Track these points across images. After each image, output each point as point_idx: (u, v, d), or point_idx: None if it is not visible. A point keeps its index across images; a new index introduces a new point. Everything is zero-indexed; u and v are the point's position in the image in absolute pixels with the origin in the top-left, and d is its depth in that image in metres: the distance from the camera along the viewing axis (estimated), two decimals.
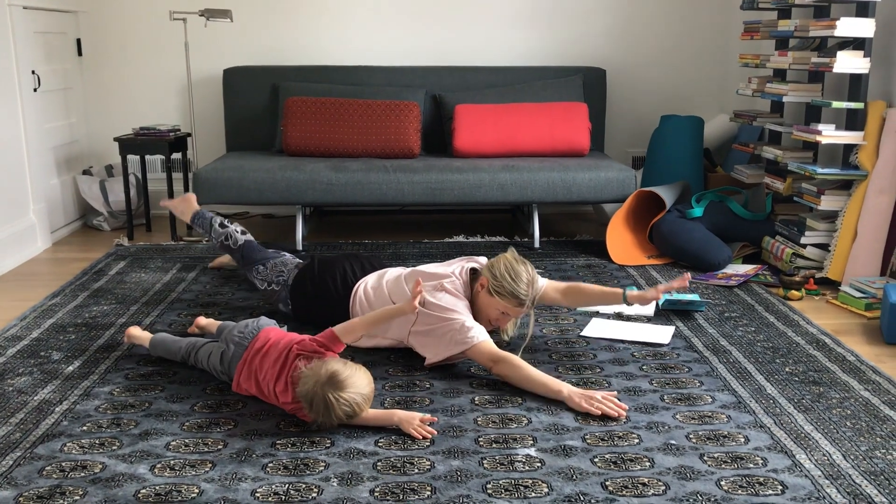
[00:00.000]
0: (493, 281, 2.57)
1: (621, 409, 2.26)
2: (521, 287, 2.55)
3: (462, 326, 2.50)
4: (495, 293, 2.57)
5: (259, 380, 2.29)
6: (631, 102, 4.98)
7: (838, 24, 3.31)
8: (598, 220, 4.82)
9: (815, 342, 2.83)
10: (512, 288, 2.55)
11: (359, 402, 2.12)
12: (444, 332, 2.52)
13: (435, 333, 2.55)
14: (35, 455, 2.05)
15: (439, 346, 2.53)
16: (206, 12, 4.16)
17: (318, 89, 4.49)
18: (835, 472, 1.96)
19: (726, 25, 4.92)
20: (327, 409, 2.10)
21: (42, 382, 2.48)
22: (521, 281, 2.55)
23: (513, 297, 2.55)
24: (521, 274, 2.56)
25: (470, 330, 2.49)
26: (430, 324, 2.56)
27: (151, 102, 4.84)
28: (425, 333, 2.58)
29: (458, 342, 2.49)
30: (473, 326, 2.51)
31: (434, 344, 2.55)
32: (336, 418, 2.12)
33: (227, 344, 2.42)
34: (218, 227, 3.17)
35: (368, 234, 4.46)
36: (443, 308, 2.56)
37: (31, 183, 4.02)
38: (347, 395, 2.10)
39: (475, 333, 2.49)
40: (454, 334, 2.50)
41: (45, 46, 4.29)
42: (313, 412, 2.13)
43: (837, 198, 3.50)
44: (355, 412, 2.13)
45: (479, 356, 2.48)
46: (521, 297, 2.56)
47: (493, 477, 1.95)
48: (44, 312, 3.11)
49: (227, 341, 2.42)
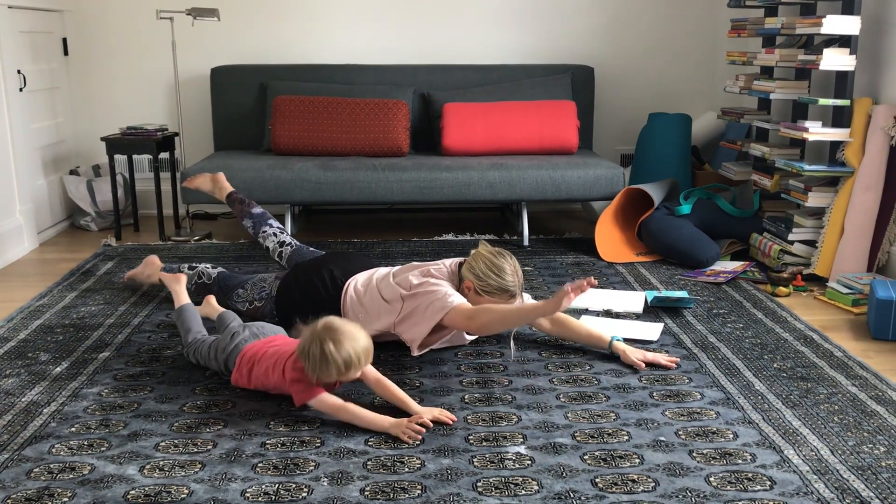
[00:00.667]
0: (478, 281, 2.56)
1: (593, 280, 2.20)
2: (507, 278, 2.54)
3: (444, 294, 2.50)
4: (483, 293, 2.56)
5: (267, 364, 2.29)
6: (619, 100, 4.99)
7: (824, 22, 3.33)
8: (586, 217, 4.83)
9: (803, 338, 2.85)
10: (498, 283, 2.54)
11: (357, 351, 2.14)
12: (426, 305, 2.52)
13: (418, 310, 2.54)
14: (23, 457, 2.04)
15: (423, 321, 2.52)
16: (192, 11, 4.14)
17: (307, 88, 4.48)
18: (822, 468, 1.98)
19: (713, 23, 4.94)
20: (325, 359, 2.12)
21: (30, 384, 2.47)
22: (506, 272, 2.54)
23: (502, 292, 2.55)
24: (503, 266, 2.55)
25: (451, 296, 2.49)
26: (414, 304, 2.56)
27: (139, 102, 4.82)
28: (409, 315, 2.57)
29: (438, 309, 2.48)
30: (454, 294, 2.51)
31: (418, 321, 2.53)
32: (335, 369, 2.13)
33: (242, 329, 2.45)
34: (188, 271, 3.17)
35: (357, 233, 4.45)
36: (429, 284, 2.56)
37: (17, 183, 4.00)
38: (347, 344, 2.13)
39: (454, 298, 2.49)
40: (436, 302, 2.49)
41: (30, 46, 4.26)
42: (310, 366, 2.15)
43: (824, 194, 3.52)
44: (353, 363, 2.14)
45: (458, 317, 2.45)
46: (510, 288, 2.55)
47: (484, 475, 1.95)
48: (31, 313, 3.09)
49: (241, 329, 2.45)
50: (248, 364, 2.34)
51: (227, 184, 3.53)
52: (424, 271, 2.66)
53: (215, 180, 3.54)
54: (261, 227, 3.26)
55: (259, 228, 3.26)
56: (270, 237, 3.21)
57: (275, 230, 3.24)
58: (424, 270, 2.67)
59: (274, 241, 3.20)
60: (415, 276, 2.64)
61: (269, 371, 2.29)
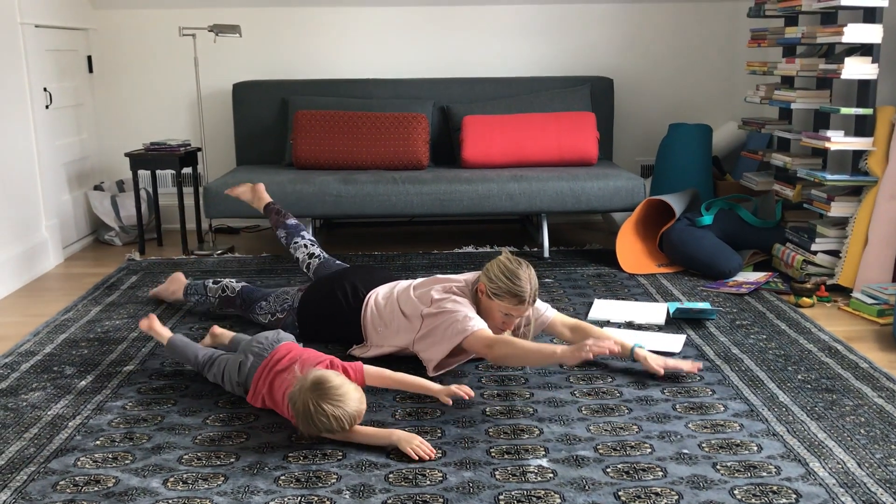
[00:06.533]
0: (490, 284, 2.56)
1: (614, 347, 2.33)
2: (518, 284, 2.52)
3: (465, 317, 2.51)
4: (494, 296, 2.55)
5: (275, 389, 2.29)
6: (639, 111, 4.99)
7: (845, 31, 3.31)
8: (607, 229, 4.82)
9: (828, 349, 2.82)
10: (508, 286, 2.53)
11: (338, 416, 2.05)
12: (446, 326, 2.52)
13: (437, 330, 2.54)
14: (49, 470, 2.06)
15: (442, 342, 2.52)
16: (215, 28, 4.19)
17: (327, 102, 4.52)
18: (849, 481, 1.95)
19: (733, 33, 4.93)
20: (306, 416, 2.07)
21: (55, 397, 2.50)
22: (518, 278, 2.53)
23: (512, 296, 2.53)
24: (517, 272, 2.53)
25: (471, 320, 2.50)
26: (434, 323, 2.56)
27: (162, 118, 4.88)
28: (428, 334, 2.58)
29: (458, 332, 2.48)
30: (474, 318, 2.51)
31: (437, 342, 2.54)
32: (314, 428, 2.08)
33: (245, 355, 2.41)
34: (212, 285, 3.20)
35: (378, 246, 4.47)
36: (449, 303, 2.57)
37: (43, 199, 4.05)
38: (328, 407, 2.05)
39: (474, 322, 2.49)
40: (455, 325, 2.50)
41: (56, 64, 4.33)
42: (295, 417, 2.12)
43: (847, 204, 3.49)
44: (333, 427, 2.07)
45: (476, 343, 2.46)
46: (520, 293, 2.52)
47: (506, 488, 1.94)
48: (56, 328, 3.13)
49: (247, 352, 2.41)
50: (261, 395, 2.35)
51: (266, 195, 3.58)
52: (447, 287, 2.66)
53: (255, 190, 3.59)
54: (293, 239, 3.29)
55: (291, 240, 3.29)
56: (301, 248, 3.24)
57: (306, 241, 3.27)
58: (447, 286, 2.66)
59: (304, 253, 3.23)
60: (437, 290, 2.64)
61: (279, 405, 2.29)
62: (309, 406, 2.06)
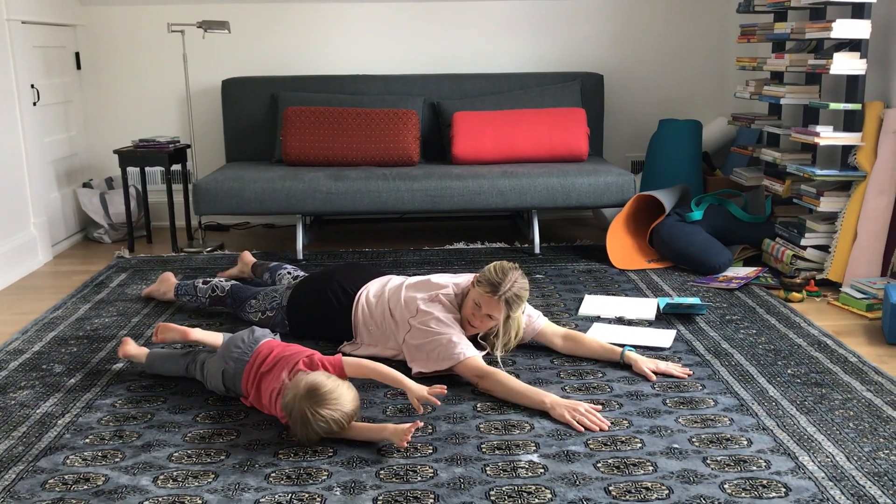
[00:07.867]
0: (480, 273, 2.61)
1: (603, 424, 2.23)
2: (501, 278, 2.54)
3: (449, 342, 2.52)
4: (477, 283, 2.59)
5: (262, 392, 2.28)
6: (629, 107, 4.99)
7: (834, 26, 3.32)
8: (597, 224, 4.82)
9: (817, 344, 2.83)
10: (491, 276, 2.55)
11: (337, 419, 2.07)
12: (432, 347, 2.55)
13: (424, 348, 2.58)
14: (38, 468, 2.05)
15: (428, 361, 2.56)
16: (203, 24, 4.17)
17: (317, 99, 4.50)
18: (838, 474, 1.96)
19: (723, 29, 4.93)
20: (304, 423, 2.07)
21: (44, 395, 2.48)
22: (504, 275, 2.55)
23: (488, 284, 2.55)
24: (507, 270, 2.57)
25: (457, 346, 2.51)
26: (419, 340, 2.59)
27: (150, 114, 4.85)
28: (416, 347, 2.60)
29: (445, 358, 2.52)
30: (460, 342, 2.53)
31: (424, 358, 2.58)
32: (313, 434, 2.09)
33: (225, 362, 2.38)
34: (201, 285, 3.20)
35: (369, 243, 4.46)
36: (433, 322, 2.58)
37: (31, 196, 4.03)
38: (326, 412, 2.06)
39: (462, 349, 2.51)
40: (441, 350, 2.52)
41: (44, 60, 4.30)
42: (292, 425, 2.12)
43: (837, 199, 3.50)
44: (332, 429, 2.09)
45: (467, 372, 2.50)
46: (496, 283, 2.53)
47: (497, 483, 1.94)
48: (45, 325, 3.11)
49: (226, 359, 2.38)
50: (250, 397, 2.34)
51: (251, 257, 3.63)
52: (433, 296, 2.67)
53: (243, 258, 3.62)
54: (276, 273, 3.32)
55: (275, 275, 3.32)
56: (286, 277, 3.26)
57: (288, 270, 3.30)
58: (433, 295, 2.67)
59: (289, 279, 3.23)
60: (423, 300, 2.66)
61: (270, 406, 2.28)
62: (307, 414, 2.06)
